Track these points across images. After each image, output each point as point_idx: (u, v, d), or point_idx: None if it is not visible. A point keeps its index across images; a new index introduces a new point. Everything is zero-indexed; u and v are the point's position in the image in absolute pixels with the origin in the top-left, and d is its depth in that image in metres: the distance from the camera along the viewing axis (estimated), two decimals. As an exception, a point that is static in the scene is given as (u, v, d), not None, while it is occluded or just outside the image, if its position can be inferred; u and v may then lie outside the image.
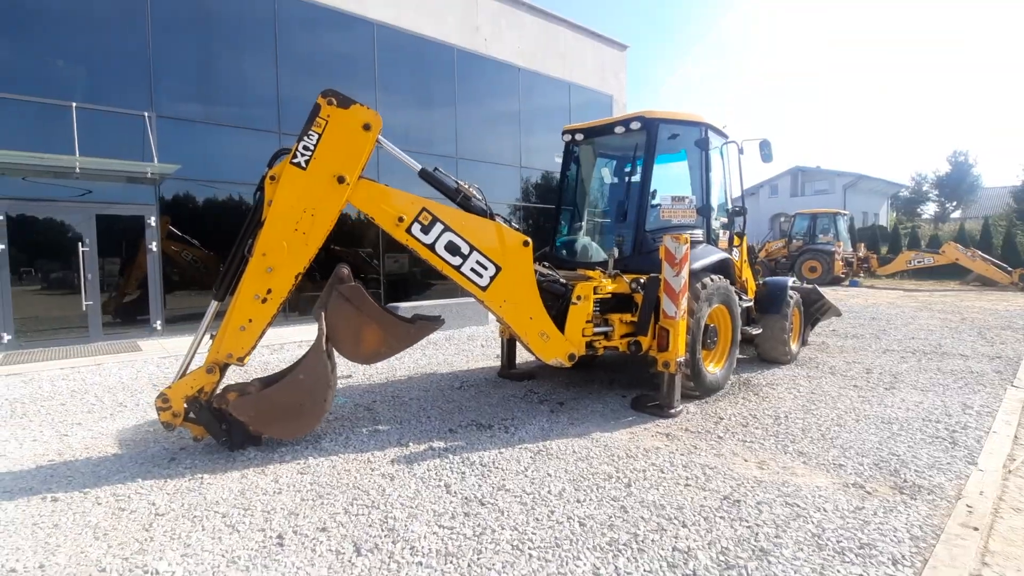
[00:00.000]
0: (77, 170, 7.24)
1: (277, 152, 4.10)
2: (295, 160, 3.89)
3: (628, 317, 4.96)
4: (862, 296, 15.90)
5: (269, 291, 3.87)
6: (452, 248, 4.27)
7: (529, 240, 4.51)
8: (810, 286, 7.81)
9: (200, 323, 4.03)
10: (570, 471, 3.60)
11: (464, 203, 4.44)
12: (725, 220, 6.15)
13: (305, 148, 3.91)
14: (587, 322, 4.80)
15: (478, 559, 2.57)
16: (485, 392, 5.66)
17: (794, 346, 6.98)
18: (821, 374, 6.33)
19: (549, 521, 2.92)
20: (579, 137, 5.91)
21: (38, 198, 7.64)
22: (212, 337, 3.96)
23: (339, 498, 3.22)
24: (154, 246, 8.35)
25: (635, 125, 5.33)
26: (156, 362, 6.93)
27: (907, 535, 2.74)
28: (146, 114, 8.14)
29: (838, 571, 2.44)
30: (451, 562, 2.55)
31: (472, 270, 4.33)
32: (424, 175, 4.42)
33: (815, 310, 7.83)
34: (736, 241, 6.38)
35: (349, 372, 6.41)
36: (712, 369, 5.39)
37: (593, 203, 6.34)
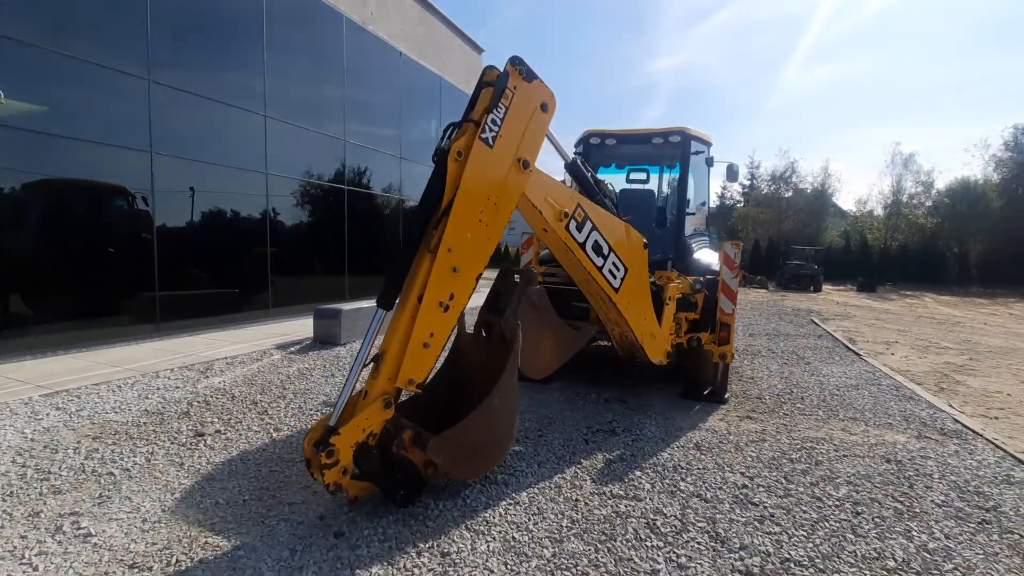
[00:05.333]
0: None
1: (450, 124, 3.26)
2: (483, 135, 3.19)
3: (691, 315, 5.38)
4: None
5: (452, 296, 3.10)
6: (597, 248, 4.05)
7: (647, 242, 4.54)
8: None
9: (363, 340, 2.95)
10: (751, 459, 3.85)
11: (601, 201, 4.23)
12: (702, 229, 7.09)
13: (493, 123, 3.24)
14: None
15: (843, 551, 2.68)
16: (536, 398, 5.36)
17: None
18: (747, 356, 7.82)
19: (825, 508, 3.16)
20: (610, 142, 6.06)
21: None
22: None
23: (630, 527, 2.84)
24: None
25: (675, 139, 5.77)
26: (29, 405, 4.35)
27: (1008, 456, 3.85)
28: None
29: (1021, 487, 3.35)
30: (838, 562, 2.60)
31: (609, 271, 4.18)
32: (573, 168, 4.06)
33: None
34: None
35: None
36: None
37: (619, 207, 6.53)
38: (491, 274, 3.82)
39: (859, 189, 50.92)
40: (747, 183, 39.76)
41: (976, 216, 28.64)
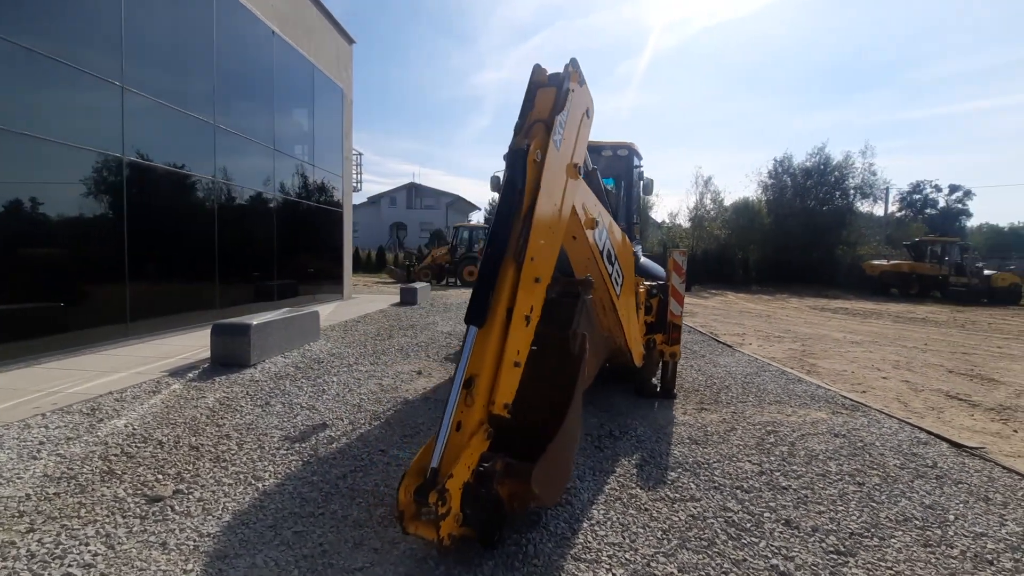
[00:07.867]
0: None
1: (519, 124, 3.01)
2: (555, 138, 3.03)
3: (648, 319, 5.73)
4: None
5: (532, 309, 2.89)
6: (608, 256, 4.12)
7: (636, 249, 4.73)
8: None
9: (459, 364, 2.54)
10: (742, 447, 4.27)
11: (608, 210, 4.27)
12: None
13: (560, 125, 3.10)
14: (636, 324, 5.32)
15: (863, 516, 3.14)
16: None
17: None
18: (651, 352, 8.60)
19: (836, 483, 3.65)
20: (562, 150, 6.11)
21: None
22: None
23: (717, 528, 2.94)
24: None
25: (623, 152, 6.10)
26: None
27: (903, 422, 4.88)
28: None
29: (931, 446, 4.29)
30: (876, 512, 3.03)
31: (615, 279, 4.28)
32: (592, 176, 4.02)
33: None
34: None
35: (323, 419, 4.52)
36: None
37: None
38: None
39: (669, 203, 60.95)
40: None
41: (753, 229, 35.61)
